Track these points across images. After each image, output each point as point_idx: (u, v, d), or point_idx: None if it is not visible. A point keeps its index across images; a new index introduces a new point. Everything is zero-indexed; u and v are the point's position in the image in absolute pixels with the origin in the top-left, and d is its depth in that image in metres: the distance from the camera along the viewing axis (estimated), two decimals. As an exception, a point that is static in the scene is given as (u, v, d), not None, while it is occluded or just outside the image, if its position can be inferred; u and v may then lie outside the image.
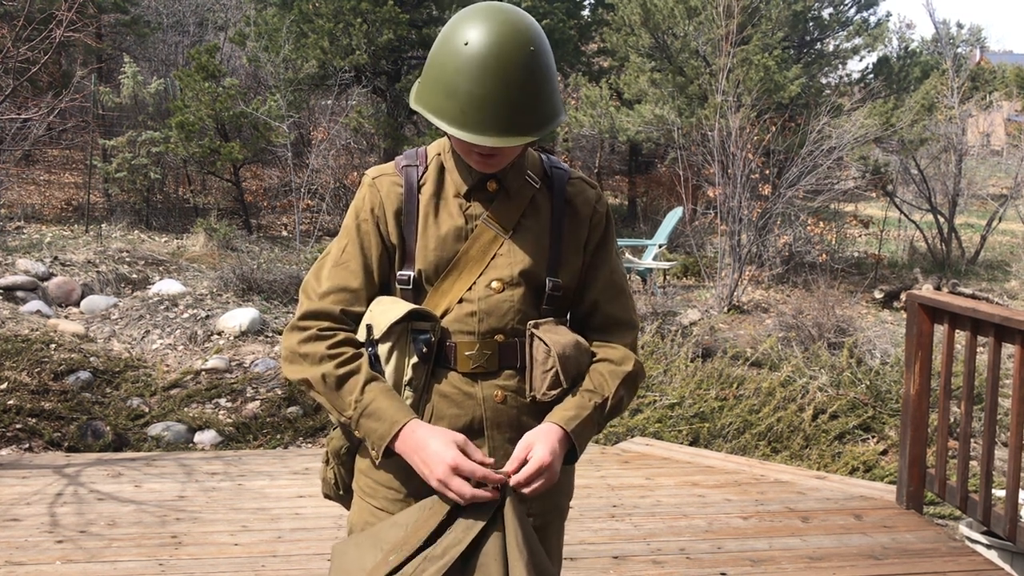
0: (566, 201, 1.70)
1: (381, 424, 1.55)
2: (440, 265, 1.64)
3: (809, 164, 10.76)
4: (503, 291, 1.63)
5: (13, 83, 8.98)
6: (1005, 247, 15.59)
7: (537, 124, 1.56)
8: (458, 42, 1.52)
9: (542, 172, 1.72)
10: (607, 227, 1.75)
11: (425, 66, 1.60)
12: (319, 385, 1.59)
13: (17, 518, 3.70)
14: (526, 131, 1.54)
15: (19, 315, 7.35)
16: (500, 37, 1.50)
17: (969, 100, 15.88)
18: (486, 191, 1.66)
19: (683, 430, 5.79)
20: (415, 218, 1.65)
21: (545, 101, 1.56)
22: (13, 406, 5.46)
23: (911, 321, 4.02)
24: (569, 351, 1.63)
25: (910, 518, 3.92)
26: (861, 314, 9.34)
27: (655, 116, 12.77)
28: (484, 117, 1.51)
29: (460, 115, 1.52)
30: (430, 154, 1.71)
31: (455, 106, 1.52)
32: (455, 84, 1.52)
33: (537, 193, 1.69)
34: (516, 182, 1.67)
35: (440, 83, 1.54)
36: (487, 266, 1.64)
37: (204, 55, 13.19)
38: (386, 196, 1.66)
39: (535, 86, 1.54)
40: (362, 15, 13.26)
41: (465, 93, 1.51)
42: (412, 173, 1.68)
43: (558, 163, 1.75)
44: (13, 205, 13.58)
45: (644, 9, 13.10)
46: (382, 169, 1.71)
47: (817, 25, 13.85)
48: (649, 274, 10.31)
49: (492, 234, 1.65)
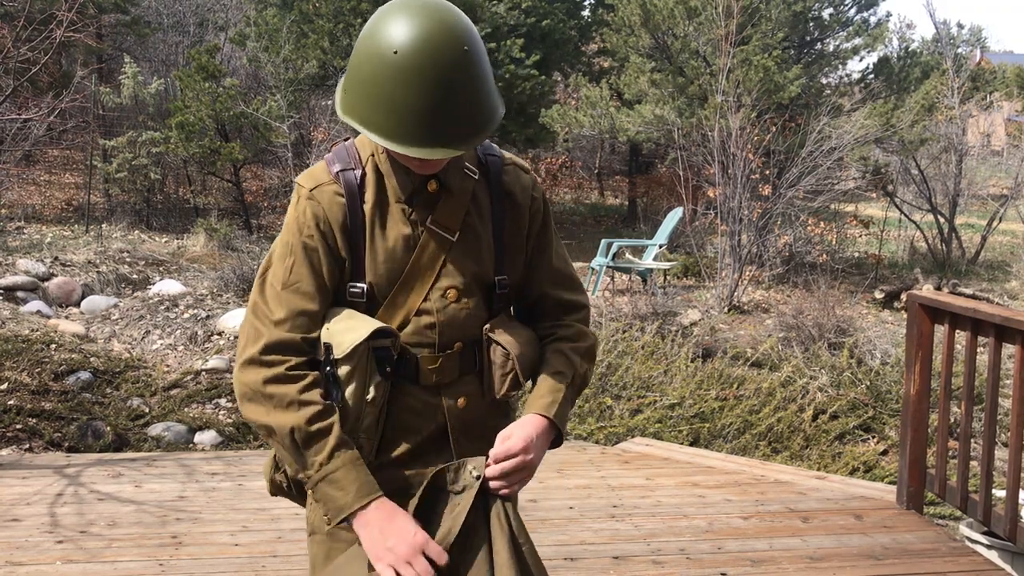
0: (505, 192, 1.65)
1: (344, 495, 1.48)
2: (392, 277, 1.57)
3: (809, 164, 10.76)
4: (459, 299, 1.60)
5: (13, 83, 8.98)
6: (1005, 247, 15.59)
7: (479, 128, 1.48)
8: (386, 50, 1.42)
9: (477, 160, 1.65)
10: (545, 212, 1.70)
11: (350, 71, 1.49)
12: (284, 438, 1.49)
13: (17, 518, 3.70)
14: (469, 138, 1.47)
15: (19, 315, 7.35)
16: (431, 41, 1.41)
17: (969, 100, 15.87)
18: (427, 193, 1.59)
19: (683, 430, 5.79)
20: (362, 229, 1.56)
21: (484, 102, 1.48)
22: (13, 406, 5.46)
23: (911, 321, 4.02)
24: (525, 350, 1.63)
25: (910, 518, 3.92)
26: (861, 314, 9.34)
27: (655, 116, 12.77)
28: (424, 129, 1.43)
29: (399, 129, 1.44)
30: (363, 154, 1.61)
31: (392, 120, 1.43)
32: (389, 96, 1.42)
33: (476, 185, 1.63)
34: (456, 178, 1.60)
35: (371, 94, 1.45)
36: (438, 273, 1.59)
37: (204, 55, 13.19)
38: (328, 209, 1.55)
39: (473, 89, 1.45)
40: (362, 15, 13.26)
41: (401, 106, 1.42)
42: (351, 179, 1.57)
43: (490, 148, 1.67)
44: (13, 205, 13.58)
45: (644, 9, 13.10)
46: (317, 178, 1.59)
47: (817, 25, 13.85)
48: (649, 274, 10.31)
49: (439, 239, 1.59)
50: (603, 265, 10.12)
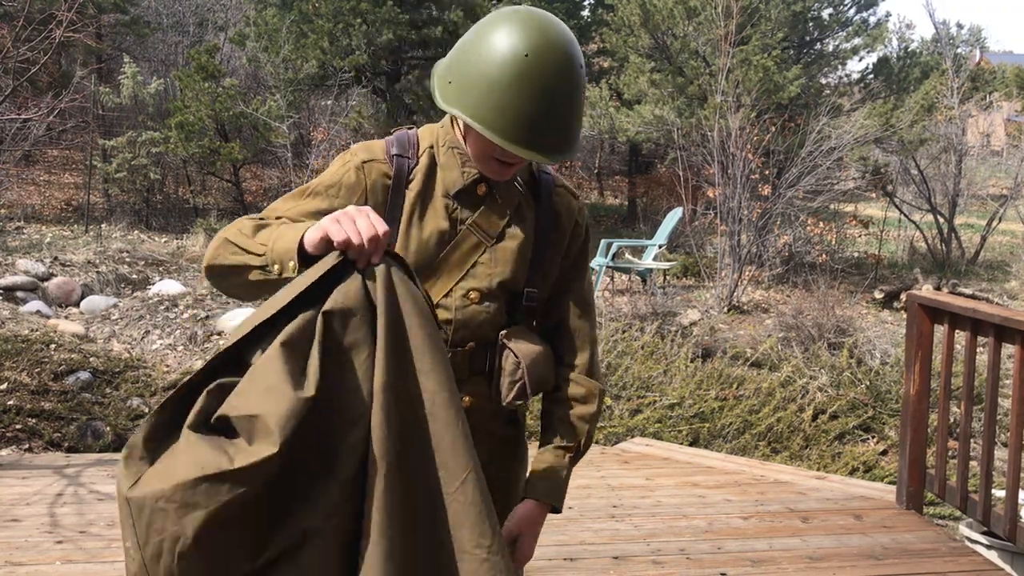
0: (552, 211, 1.69)
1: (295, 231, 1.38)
2: (419, 268, 1.59)
3: (809, 164, 10.76)
4: (480, 302, 1.62)
5: (13, 83, 8.98)
6: (1005, 247, 15.59)
7: (570, 145, 1.54)
8: (517, 52, 1.46)
9: (529, 176, 1.69)
10: (585, 241, 1.75)
11: (460, 64, 1.53)
12: (235, 237, 1.45)
13: (17, 518, 3.70)
14: (560, 151, 1.52)
15: (19, 315, 7.35)
16: (560, 53, 1.47)
17: (969, 100, 15.86)
18: (475, 194, 1.62)
19: (683, 430, 5.79)
20: (398, 216, 1.60)
21: (578, 123, 1.56)
22: (13, 406, 5.46)
23: (911, 321, 4.02)
24: (537, 361, 1.64)
25: (910, 518, 3.92)
26: (861, 314, 9.34)
27: (655, 116, 12.77)
28: (527, 132, 1.48)
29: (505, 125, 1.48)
30: (422, 144, 1.64)
31: (500, 116, 1.47)
32: (503, 92, 1.46)
33: (522, 199, 1.67)
34: (506, 188, 1.64)
35: (483, 85, 1.48)
36: (466, 273, 1.62)
37: (204, 55, 13.19)
38: (371, 187, 1.59)
39: (577, 109, 1.53)
40: (362, 15, 13.25)
41: (514, 105, 1.46)
42: (403, 167, 1.61)
43: (545, 167, 1.71)
44: (13, 205, 13.57)
45: (644, 10, 13.11)
46: (373, 152, 1.61)
47: (817, 25, 13.85)
48: (649, 274, 10.31)
49: (475, 240, 1.62)
50: (603, 265, 10.12)
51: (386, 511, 1.26)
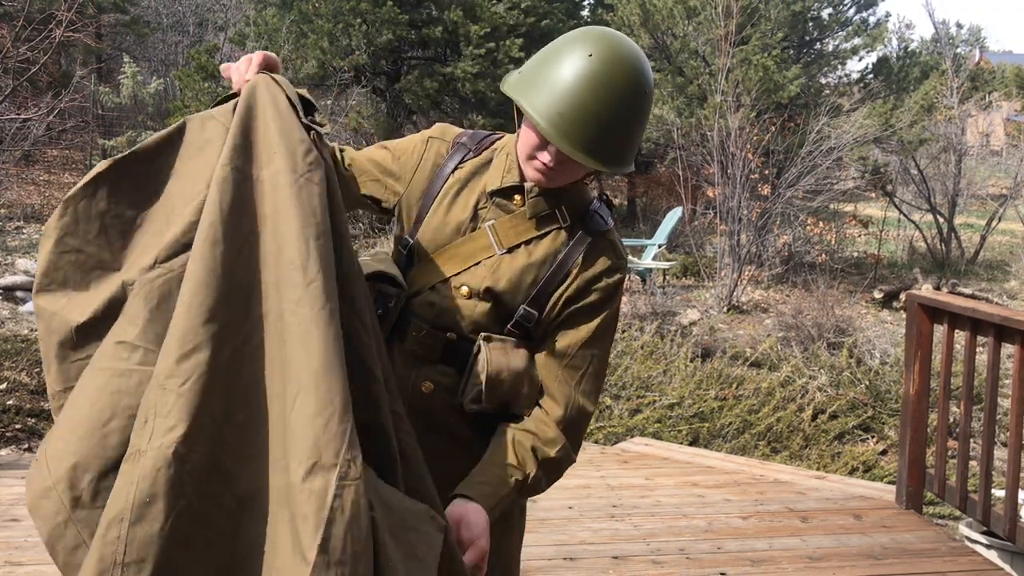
0: (582, 258, 1.63)
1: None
2: (430, 248, 1.66)
3: (808, 164, 10.76)
4: (469, 298, 1.63)
5: (13, 83, 8.99)
6: (1005, 247, 15.59)
7: (620, 159, 1.54)
8: (583, 52, 1.51)
9: (579, 214, 1.65)
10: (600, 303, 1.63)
11: (533, 62, 1.59)
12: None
13: (17, 518, 3.70)
14: (607, 160, 1.52)
15: (19, 315, 7.34)
16: (622, 65, 1.50)
17: (969, 100, 15.86)
18: (510, 201, 1.63)
19: (683, 430, 5.80)
20: (435, 195, 1.67)
21: (634, 142, 1.56)
22: (13, 406, 5.46)
23: (911, 321, 4.02)
24: (505, 377, 1.59)
25: (910, 518, 3.92)
26: (861, 314, 9.34)
27: (654, 116, 12.77)
28: (576, 130, 1.49)
29: (556, 117, 1.50)
30: (493, 145, 1.71)
31: (554, 107, 1.50)
32: (563, 88, 1.50)
33: (558, 231, 1.63)
34: (542, 208, 1.63)
35: (547, 81, 1.52)
36: (466, 269, 1.63)
37: (204, 55, 13.19)
38: (425, 161, 1.70)
39: (634, 126, 1.54)
40: (361, 15, 13.25)
41: (569, 100, 1.50)
42: (458, 154, 1.69)
43: (604, 214, 1.67)
44: (13, 205, 13.57)
45: (643, 9, 13.11)
46: (444, 133, 1.74)
47: (816, 25, 13.85)
48: (649, 274, 10.31)
49: (488, 242, 1.63)
50: (602, 265, 10.12)
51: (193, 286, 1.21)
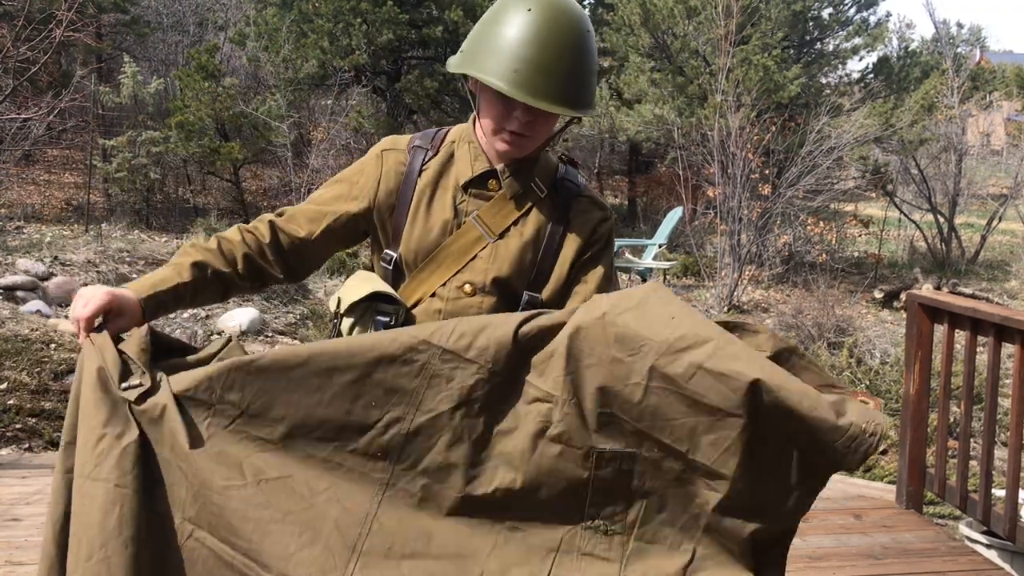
0: (567, 220, 1.66)
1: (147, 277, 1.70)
2: (420, 255, 1.63)
3: (809, 164, 10.77)
4: (473, 295, 1.62)
5: (13, 83, 8.99)
6: (1005, 247, 15.59)
7: (581, 100, 1.56)
8: (522, 7, 1.52)
9: (552, 181, 1.67)
10: (603, 248, 1.69)
11: (471, 36, 1.60)
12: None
13: (17, 518, 3.70)
14: (571, 103, 1.54)
15: (19, 315, 7.35)
16: (562, 11, 1.53)
17: (969, 100, 15.87)
18: (486, 188, 1.63)
19: (683, 430, 5.79)
20: (408, 202, 1.65)
21: (589, 82, 1.58)
22: (13, 406, 5.46)
23: (911, 321, 4.02)
24: None
25: (910, 518, 3.92)
26: (861, 314, 9.34)
27: (655, 116, 12.77)
28: (537, 80, 1.51)
29: (512, 75, 1.51)
30: (448, 139, 1.69)
31: (508, 66, 1.51)
32: (511, 46, 1.52)
33: (539, 203, 1.65)
34: (518, 186, 1.63)
35: (493, 45, 1.53)
36: (464, 266, 1.62)
37: (204, 55, 13.19)
38: (386, 173, 1.67)
39: (586, 67, 1.56)
40: (362, 15, 13.25)
41: (521, 55, 1.51)
42: (419, 157, 1.67)
43: (574, 176, 1.70)
44: (13, 205, 13.57)
45: (644, 9, 13.11)
46: (396, 142, 1.71)
47: (817, 25, 13.85)
48: (649, 274, 10.31)
49: (477, 234, 1.62)
50: (603, 265, 10.12)
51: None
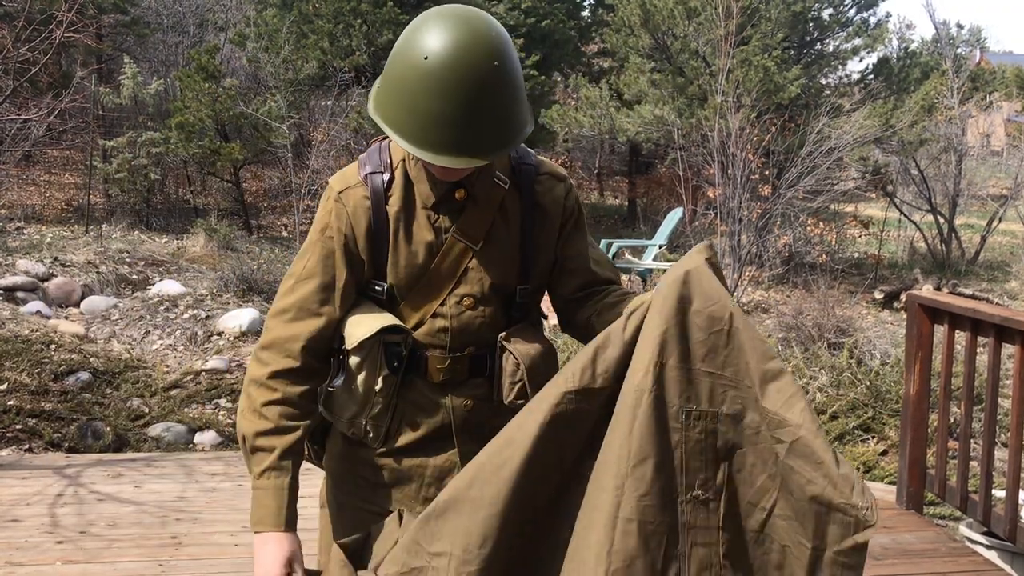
0: (536, 203, 1.65)
1: (257, 511, 1.57)
2: (411, 281, 1.61)
3: (809, 165, 10.76)
4: (475, 307, 1.62)
5: (13, 84, 8.99)
6: (1005, 247, 15.59)
7: (504, 141, 1.48)
8: (417, 55, 1.42)
9: (510, 169, 1.65)
10: (578, 217, 1.71)
11: (384, 72, 1.51)
12: (241, 437, 1.61)
13: (17, 519, 3.70)
14: (492, 150, 1.47)
15: (19, 316, 7.35)
16: (461, 52, 1.40)
17: (969, 101, 15.87)
18: (454, 201, 1.60)
19: (683, 431, 5.79)
20: (386, 232, 1.59)
21: (512, 116, 1.48)
22: (13, 407, 5.46)
23: (911, 322, 4.02)
24: (537, 361, 1.64)
25: (910, 518, 3.92)
26: (861, 314, 9.34)
27: (655, 117, 12.77)
28: (448, 137, 1.43)
29: (420, 132, 1.44)
30: (395, 157, 1.62)
31: (415, 123, 1.44)
32: (414, 100, 1.43)
33: (506, 195, 1.63)
34: (484, 187, 1.61)
35: (399, 97, 1.45)
36: (457, 281, 1.61)
37: (204, 56, 13.19)
38: (353, 213, 1.58)
39: (500, 104, 1.45)
40: (362, 16, 13.26)
41: (424, 111, 1.42)
42: (378, 183, 1.59)
43: (525, 156, 1.67)
44: (13, 206, 13.58)
45: (644, 10, 13.11)
46: (346, 180, 1.61)
47: (817, 26, 13.85)
48: (649, 274, 10.31)
49: (462, 247, 1.61)
50: (603, 265, 10.12)
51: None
